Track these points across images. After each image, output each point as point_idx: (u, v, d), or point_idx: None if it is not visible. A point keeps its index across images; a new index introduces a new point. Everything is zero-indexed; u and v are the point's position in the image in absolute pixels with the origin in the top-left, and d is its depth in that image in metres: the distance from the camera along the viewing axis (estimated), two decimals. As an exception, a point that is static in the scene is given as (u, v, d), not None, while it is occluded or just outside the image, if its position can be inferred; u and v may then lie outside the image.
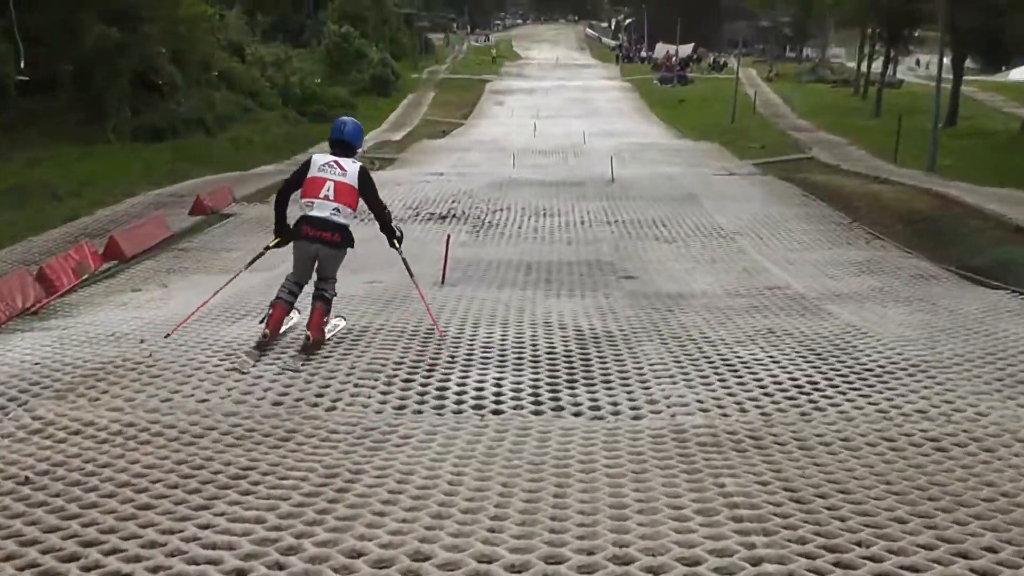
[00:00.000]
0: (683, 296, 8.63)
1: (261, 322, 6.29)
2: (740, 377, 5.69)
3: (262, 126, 32.70)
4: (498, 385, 5.52)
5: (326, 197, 6.18)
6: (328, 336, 6.41)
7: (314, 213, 6.17)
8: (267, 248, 6.51)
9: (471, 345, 6.45)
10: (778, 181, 19.31)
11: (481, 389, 5.45)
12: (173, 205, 15.68)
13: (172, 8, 27.78)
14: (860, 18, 44.54)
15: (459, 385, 5.51)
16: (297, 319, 6.58)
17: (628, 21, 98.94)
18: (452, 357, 6.11)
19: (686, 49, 69.50)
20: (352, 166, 6.24)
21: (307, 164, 6.29)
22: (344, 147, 6.32)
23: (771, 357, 6.16)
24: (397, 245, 6.71)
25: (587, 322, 7.29)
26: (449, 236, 9.46)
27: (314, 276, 6.31)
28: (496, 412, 5.07)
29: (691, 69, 66.55)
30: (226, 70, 35.31)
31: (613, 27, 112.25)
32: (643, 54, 79.30)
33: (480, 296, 8.44)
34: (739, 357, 6.14)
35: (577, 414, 5.06)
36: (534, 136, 36.53)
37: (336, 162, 6.24)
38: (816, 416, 5.01)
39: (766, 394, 5.37)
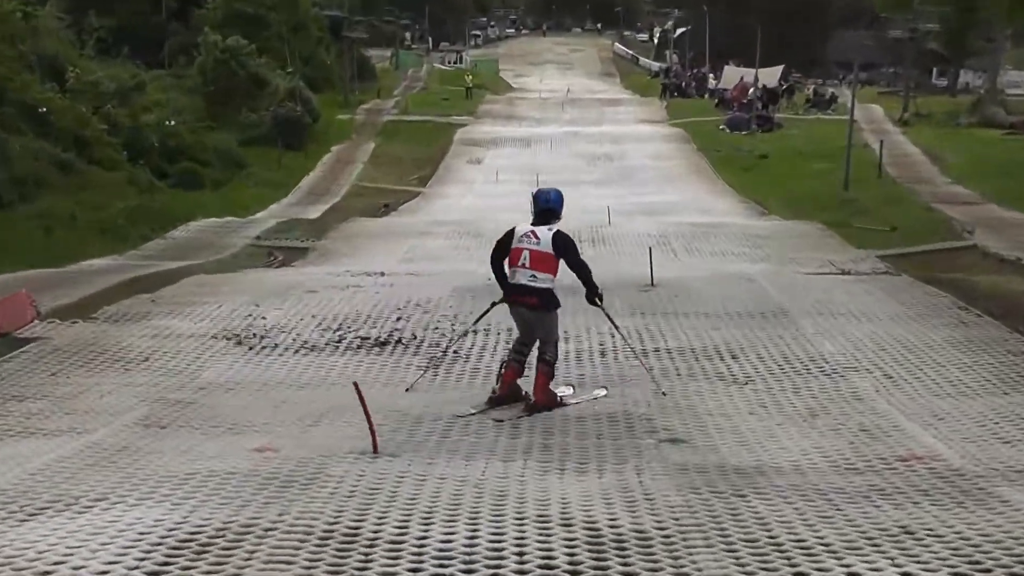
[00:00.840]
0: (762, 472, 8.74)
1: (496, 382, 11.30)
2: (854, 607, 5.74)
3: (94, 195, 33.14)
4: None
5: (523, 265, 10.93)
6: (559, 400, 11.16)
7: (515, 280, 11.01)
8: (493, 304, 11.97)
9: (419, 554, 6.51)
10: (919, 285, 19.72)
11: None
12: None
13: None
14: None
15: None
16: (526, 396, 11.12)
17: (680, 31, 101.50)
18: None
19: (771, 75, 71.76)
20: (546, 234, 10.97)
21: (511, 233, 11.10)
22: (548, 215, 11.16)
23: (905, 574, 6.21)
24: (599, 302, 11.37)
25: (606, 515, 7.37)
26: (356, 385, 9.54)
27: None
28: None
29: (779, 107, 68.80)
30: (34, 104, 35.90)
31: (656, 41, 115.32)
32: (711, 84, 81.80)
33: (436, 473, 8.53)
34: (852, 574, 6.19)
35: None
36: (531, 213, 37.10)
37: (533, 232, 11.02)
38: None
39: (896, 635, 5.41)
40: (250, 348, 14.50)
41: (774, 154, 51.97)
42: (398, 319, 16.32)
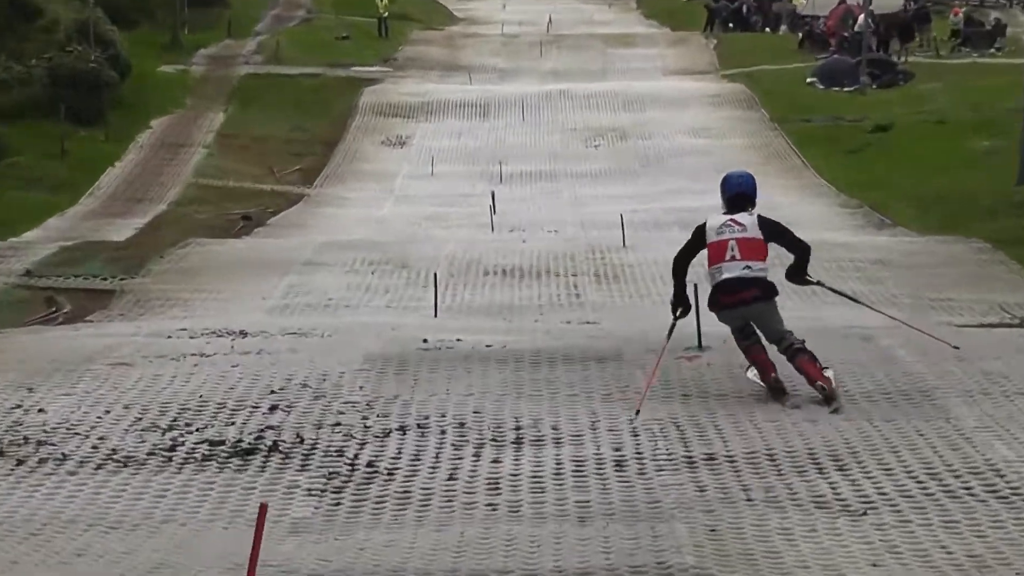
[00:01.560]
0: None
1: (761, 378, 16.06)
2: None
3: None
4: None
5: (732, 257, 15.51)
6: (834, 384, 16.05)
7: (725, 277, 15.63)
8: (675, 321, 16.51)
9: None
10: None
11: None
12: None
13: None
14: None
15: None
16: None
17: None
18: None
19: (892, -6, 72.14)
20: (749, 218, 15.72)
21: (701, 231, 16.00)
22: (740, 201, 16.02)
23: None
24: (811, 279, 16.78)
25: None
26: (265, 507, 9.53)
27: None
28: None
29: (908, 49, 69.13)
30: None
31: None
32: (790, 5, 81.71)
33: None
34: None
35: None
36: (491, 229, 37.80)
37: (732, 220, 15.73)
38: None
39: None
40: (19, 463, 14.43)
41: (900, 124, 52.40)
42: (272, 410, 16.27)
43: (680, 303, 16.38)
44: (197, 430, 15.44)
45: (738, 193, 16.10)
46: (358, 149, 53.79)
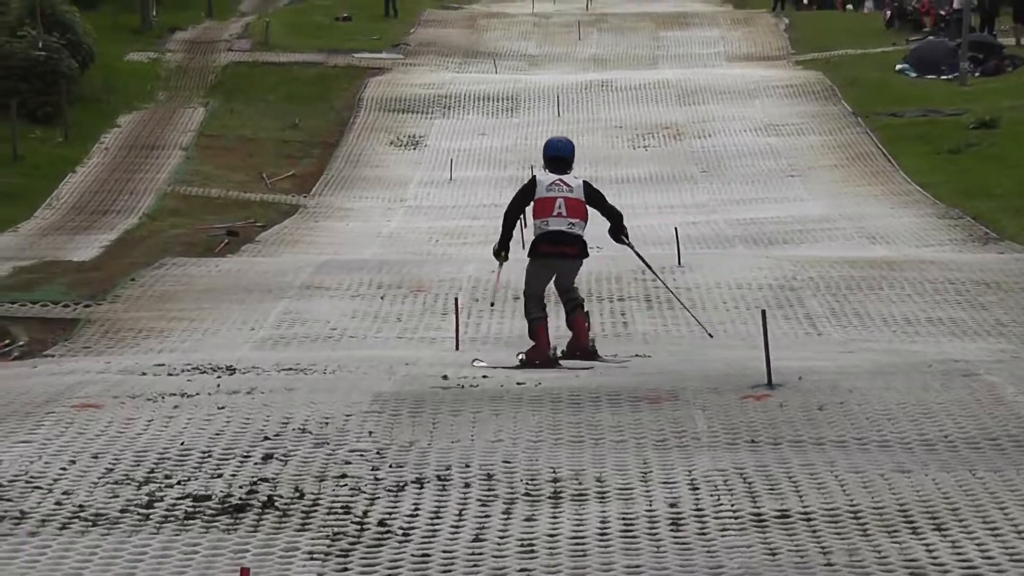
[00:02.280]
0: None
1: (536, 353, 22.40)
2: None
3: None
4: None
5: (559, 214, 22.25)
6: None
7: (551, 229, 22.38)
8: (500, 266, 23.99)
9: None
10: None
11: None
12: None
13: None
14: None
15: None
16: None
17: None
18: None
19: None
20: (575, 181, 22.71)
21: (532, 184, 22.65)
22: (563, 164, 22.98)
23: None
24: (625, 239, 23.77)
25: None
26: (246, 573, 9.66)
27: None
28: None
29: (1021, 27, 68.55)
30: None
31: None
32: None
33: None
34: None
35: None
36: (521, 246, 36.69)
37: (562, 180, 22.54)
38: None
39: None
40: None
41: (1008, 120, 52.25)
42: (266, 459, 16.33)
43: (503, 249, 23.29)
44: (178, 483, 15.42)
45: (556, 156, 22.92)
46: (362, 151, 53.68)
